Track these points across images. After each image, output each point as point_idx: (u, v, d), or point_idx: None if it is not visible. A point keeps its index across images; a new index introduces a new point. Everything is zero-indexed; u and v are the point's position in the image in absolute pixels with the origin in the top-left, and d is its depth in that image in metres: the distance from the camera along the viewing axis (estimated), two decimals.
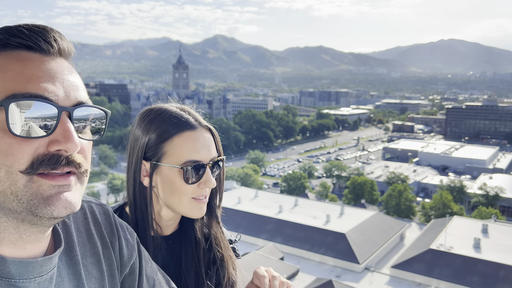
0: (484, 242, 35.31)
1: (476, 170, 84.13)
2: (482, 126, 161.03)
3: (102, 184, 69.75)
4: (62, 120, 0.73)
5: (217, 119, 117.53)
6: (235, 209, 41.70)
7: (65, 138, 0.72)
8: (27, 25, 0.77)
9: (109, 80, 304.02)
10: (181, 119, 1.37)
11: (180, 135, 1.35)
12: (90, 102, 0.80)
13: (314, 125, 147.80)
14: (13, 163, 0.69)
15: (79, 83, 0.80)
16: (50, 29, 0.79)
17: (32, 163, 0.70)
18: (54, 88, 0.73)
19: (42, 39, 0.76)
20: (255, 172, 72.44)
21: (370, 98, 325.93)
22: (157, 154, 1.36)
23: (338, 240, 35.62)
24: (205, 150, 1.36)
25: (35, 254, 0.80)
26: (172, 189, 1.36)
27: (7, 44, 0.74)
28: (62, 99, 0.74)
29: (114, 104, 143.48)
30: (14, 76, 0.71)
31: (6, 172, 0.69)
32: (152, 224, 1.41)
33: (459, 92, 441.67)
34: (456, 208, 51.16)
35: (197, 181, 1.34)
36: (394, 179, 66.57)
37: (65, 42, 0.81)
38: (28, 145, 0.70)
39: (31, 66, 0.73)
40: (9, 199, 0.70)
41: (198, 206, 1.37)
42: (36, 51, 0.76)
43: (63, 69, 0.78)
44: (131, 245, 1.07)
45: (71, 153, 0.74)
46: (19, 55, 0.74)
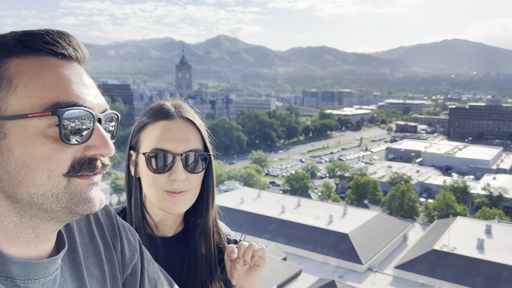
0: (488, 242, 35.17)
1: (480, 170, 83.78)
2: (485, 126, 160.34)
3: (105, 184, 69.90)
4: (97, 127, 0.77)
5: (220, 119, 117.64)
6: (238, 209, 41.67)
7: (103, 143, 0.77)
8: (55, 32, 0.79)
9: (112, 80, 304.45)
10: (159, 109, 1.37)
11: (153, 124, 1.34)
12: (108, 106, 0.84)
13: (317, 125, 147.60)
14: (57, 167, 0.73)
15: (97, 89, 0.83)
16: (74, 37, 0.81)
17: (73, 166, 0.74)
18: (88, 96, 0.77)
19: (71, 47, 0.79)
20: (257, 172, 72.42)
21: (373, 98, 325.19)
22: (137, 143, 1.38)
23: (341, 240, 35.57)
24: (178, 141, 1.31)
25: (44, 253, 0.82)
26: (146, 179, 1.34)
27: (39, 50, 0.75)
28: (94, 106, 0.78)
29: (117, 104, 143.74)
30: (53, 83, 0.73)
31: (48, 176, 0.72)
32: (146, 218, 1.40)
33: (462, 92, 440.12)
34: (459, 208, 50.99)
35: (164, 171, 1.30)
36: (397, 180, 66.42)
37: (85, 50, 0.83)
38: (69, 150, 0.74)
39: (66, 74, 0.76)
40: (48, 200, 0.73)
41: (171, 200, 1.32)
42: (65, 58, 0.78)
43: (86, 76, 0.81)
44: (133, 246, 1.07)
45: (108, 156, 0.79)
46: (51, 62, 0.76)
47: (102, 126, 0.79)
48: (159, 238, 1.40)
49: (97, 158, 0.78)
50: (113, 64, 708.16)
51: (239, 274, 1.39)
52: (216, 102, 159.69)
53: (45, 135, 0.72)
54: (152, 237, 1.39)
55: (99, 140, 0.77)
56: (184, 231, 1.49)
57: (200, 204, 1.45)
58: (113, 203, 60.74)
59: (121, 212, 1.45)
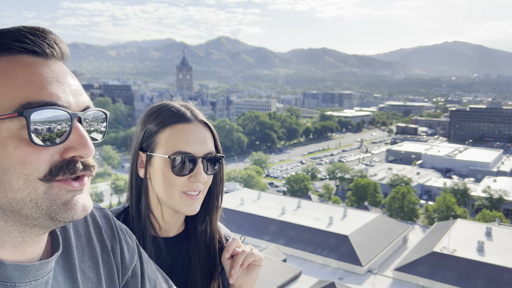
0: (488, 245, 35.13)
1: (480, 173, 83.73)
2: (486, 128, 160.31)
3: (106, 184, 69.93)
4: (75, 126, 0.74)
5: (221, 120, 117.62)
6: (238, 210, 41.65)
7: (81, 144, 0.73)
8: (28, 28, 0.76)
9: (113, 81, 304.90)
10: (176, 111, 1.38)
11: (173, 126, 1.35)
12: (92, 104, 0.81)
13: (318, 127, 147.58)
14: (32, 171, 0.70)
15: (81, 86, 0.80)
16: (50, 32, 0.78)
17: (50, 170, 0.71)
18: (64, 94, 0.74)
19: (46, 43, 0.76)
20: (258, 173, 72.39)
21: (374, 100, 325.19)
22: (151, 144, 1.37)
23: (341, 242, 35.53)
24: (198, 144, 1.34)
25: (33, 257, 0.80)
26: (163, 180, 1.34)
27: (10, 49, 0.72)
28: (72, 104, 0.75)
29: (118, 105, 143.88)
30: (24, 83, 0.70)
31: (24, 181, 0.70)
32: (150, 218, 1.40)
33: (463, 94, 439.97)
34: (459, 211, 50.93)
35: (187, 173, 1.32)
36: (397, 182, 66.40)
37: (64, 46, 0.80)
38: (45, 153, 0.71)
39: (39, 72, 0.72)
40: (27, 206, 0.71)
41: (189, 201, 1.34)
42: (39, 55, 0.75)
43: (67, 74, 0.78)
44: (132, 248, 1.07)
45: (87, 158, 0.75)
46: (24, 60, 0.73)
47: (82, 125, 0.75)
48: (161, 238, 1.42)
49: (77, 160, 0.74)
50: (114, 65, 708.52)
51: (237, 273, 1.40)
52: (217, 103, 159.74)
53: (18, 137, 0.69)
54: (155, 237, 1.41)
55: (77, 140, 0.73)
56: (185, 231, 1.50)
57: (208, 204, 1.47)
58: (113, 204, 60.73)
59: (122, 213, 1.44)
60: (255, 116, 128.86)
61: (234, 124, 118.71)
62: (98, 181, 72.99)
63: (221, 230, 1.58)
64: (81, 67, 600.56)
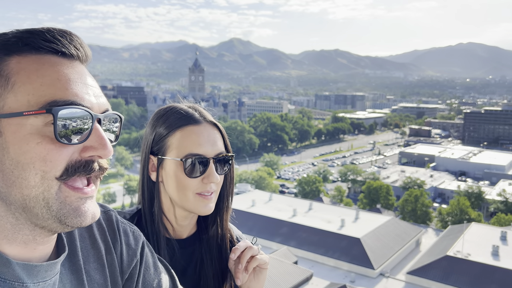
0: (503, 249, 34.59)
1: (495, 176, 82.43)
2: (501, 131, 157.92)
3: (118, 185, 70.60)
4: (95, 127, 0.75)
5: (232, 122, 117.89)
6: (249, 212, 41.70)
7: (101, 145, 0.75)
8: (57, 30, 0.78)
9: (126, 82, 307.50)
10: (185, 114, 1.39)
11: (183, 129, 1.35)
12: (110, 107, 0.83)
13: (330, 129, 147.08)
14: (51, 169, 0.71)
15: (100, 89, 0.82)
16: (76, 35, 0.80)
17: (67, 169, 0.72)
18: (88, 95, 0.76)
19: (73, 45, 0.78)
20: (269, 175, 72.36)
21: (387, 102, 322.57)
22: (162, 148, 1.38)
23: (353, 245, 35.32)
24: (209, 145, 1.35)
25: (42, 256, 0.81)
26: (176, 183, 1.35)
27: (39, 48, 0.74)
28: (94, 106, 0.77)
29: (131, 106, 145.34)
30: (52, 81, 0.72)
31: (41, 178, 0.71)
32: (163, 221, 1.42)
33: (477, 96, 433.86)
34: (474, 214, 50.24)
35: (200, 175, 1.33)
36: (410, 184, 65.71)
37: (87, 49, 0.82)
38: (65, 151, 0.72)
39: (65, 72, 0.75)
40: (39, 205, 0.72)
41: (203, 202, 1.36)
42: (65, 57, 0.77)
43: (89, 76, 0.80)
44: (133, 250, 1.07)
45: (105, 158, 0.77)
46: (51, 60, 0.75)
47: (102, 127, 0.78)
48: (175, 240, 1.43)
49: (94, 160, 0.76)
50: (127, 67, 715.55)
51: (242, 275, 1.41)
52: (229, 105, 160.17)
53: (41, 134, 0.70)
54: (168, 239, 1.42)
55: (97, 141, 0.75)
56: (197, 233, 1.52)
57: (218, 204, 1.48)
58: (125, 204, 61.16)
59: (136, 215, 1.44)
60: (267, 117, 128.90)
61: (245, 125, 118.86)
62: (111, 182, 73.75)
63: (233, 232, 1.59)
64: (95, 69, 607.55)
